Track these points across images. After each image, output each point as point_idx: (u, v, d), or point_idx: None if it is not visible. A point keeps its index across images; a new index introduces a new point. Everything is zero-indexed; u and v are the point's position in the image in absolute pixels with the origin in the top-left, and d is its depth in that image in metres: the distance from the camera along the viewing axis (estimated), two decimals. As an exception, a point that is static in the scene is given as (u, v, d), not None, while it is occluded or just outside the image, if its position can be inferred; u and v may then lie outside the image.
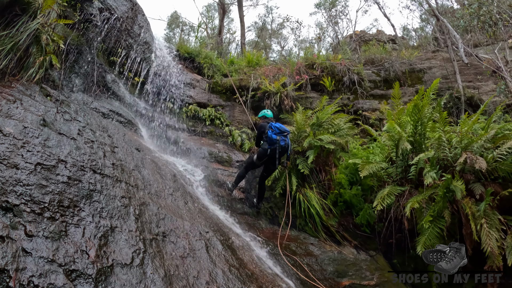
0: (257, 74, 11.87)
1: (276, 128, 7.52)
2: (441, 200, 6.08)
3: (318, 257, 6.82)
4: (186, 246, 4.97)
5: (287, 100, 10.58)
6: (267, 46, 30.98)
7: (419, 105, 7.18)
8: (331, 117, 8.61)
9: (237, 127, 10.52)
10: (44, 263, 3.23)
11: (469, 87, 12.30)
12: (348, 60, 13.47)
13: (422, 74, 13.59)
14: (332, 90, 12.09)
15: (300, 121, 8.42)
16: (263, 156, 7.55)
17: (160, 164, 7.24)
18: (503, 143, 6.41)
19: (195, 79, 11.46)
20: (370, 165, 7.04)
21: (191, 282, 4.34)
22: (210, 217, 6.31)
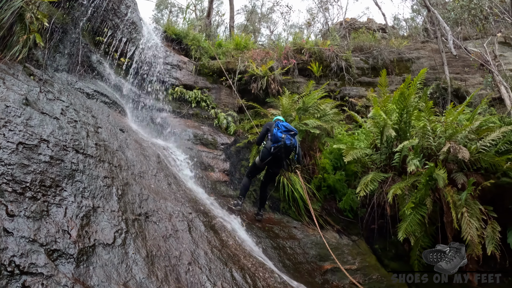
0: (244, 57, 11.78)
1: (283, 126, 7.04)
2: (423, 187, 6.14)
3: (301, 240, 6.88)
4: (168, 227, 4.97)
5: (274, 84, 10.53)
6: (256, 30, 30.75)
7: (405, 93, 7.21)
8: (317, 102, 8.60)
9: (223, 109, 10.46)
10: (26, 243, 3.21)
11: (456, 79, 12.38)
12: (336, 47, 13.44)
13: (410, 63, 13.63)
14: (320, 76, 12.07)
15: (286, 105, 8.39)
16: (267, 156, 7.00)
17: (145, 145, 7.19)
18: (487, 135, 6.48)
19: (182, 61, 11.34)
20: (355, 151, 7.07)
21: (173, 262, 4.35)
22: (194, 199, 6.31)
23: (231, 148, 8.81)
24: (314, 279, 6.06)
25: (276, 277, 5.21)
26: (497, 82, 10.10)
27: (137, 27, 10.30)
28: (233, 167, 8.35)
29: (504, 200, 6.38)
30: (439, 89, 11.52)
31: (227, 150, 8.79)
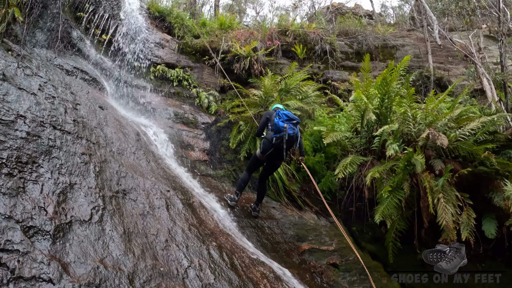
0: (228, 37, 11.66)
1: (284, 115, 6.56)
2: (401, 172, 6.22)
3: (279, 220, 6.93)
4: (146, 204, 4.96)
5: (256, 65, 10.48)
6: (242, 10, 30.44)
7: (388, 79, 7.25)
8: (299, 84, 8.59)
9: (205, 89, 10.37)
10: (1, 219, 3.19)
11: (439, 68, 12.47)
12: (322, 30, 13.38)
13: (395, 50, 13.66)
14: (303, 58, 12.03)
15: (268, 86, 8.35)
16: (268, 147, 6.54)
17: (124, 123, 7.12)
18: (466, 124, 6.57)
19: (164, 39, 11.17)
20: (335, 133, 7.10)
21: (151, 239, 4.35)
22: (172, 177, 6.29)
23: (212, 128, 8.76)
24: (291, 259, 6.13)
25: (253, 256, 5.27)
26: (480, 74, 10.21)
27: (120, 3, 10.09)
28: (213, 147, 8.31)
29: (481, 188, 6.50)
30: (422, 77, 11.61)
31: (208, 129, 8.74)
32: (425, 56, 12.70)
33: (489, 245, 6.59)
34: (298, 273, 5.64)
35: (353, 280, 6.20)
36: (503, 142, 6.78)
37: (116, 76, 9.37)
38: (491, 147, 6.40)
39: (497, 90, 9.53)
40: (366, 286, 6.18)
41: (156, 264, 4.00)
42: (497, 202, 6.06)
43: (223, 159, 8.08)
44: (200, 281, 4.10)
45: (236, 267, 4.69)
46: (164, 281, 3.85)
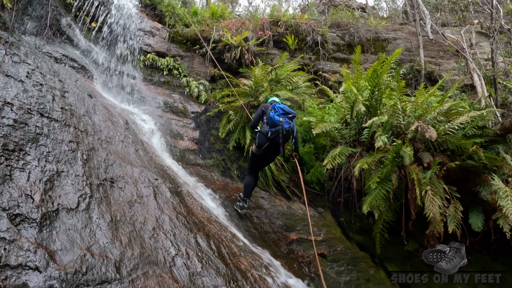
0: (219, 26, 11.58)
1: (280, 109, 6.40)
2: (390, 163, 6.23)
3: (268, 210, 6.95)
4: (134, 192, 4.94)
5: (247, 55, 10.43)
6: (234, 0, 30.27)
7: (378, 71, 7.23)
8: (290, 74, 8.57)
9: (195, 78, 10.30)
10: (-12, 208, 3.14)
11: (430, 63, 12.49)
12: (314, 21, 13.34)
13: (387, 43, 13.66)
14: (294, 49, 11.99)
15: (258, 76, 8.31)
16: (264, 142, 6.37)
17: (113, 111, 7.07)
18: (455, 118, 6.57)
19: (155, 28, 11.07)
20: (324, 124, 7.08)
21: (138, 227, 4.34)
22: (161, 166, 6.26)
23: (201, 117, 8.72)
24: (279, 248, 6.16)
25: (241, 245, 5.28)
26: (470, 69, 10.23)
27: (110, -10, 9.98)
28: (202, 136, 8.28)
29: (468, 182, 6.54)
30: (412, 71, 11.63)
31: (197, 118, 8.69)
32: (416, 50, 12.72)
33: (476, 238, 6.66)
34: (286, 263, 5.67)
35: (341, 270, 6.25)
36: (492, 137, 6.81)
37: (105, 64, 9.27)
38: (480, 142, 6.43)
39: (487, 86, 9.59)
40: (353, 276, 6.24)
41: (143, 252, 4.00)
42: (484, 196, 6.10)
43: (212, 148, 8.06)
44: (187, 270, 4.11)
45: (223, 256, 4.70)
46: (151, 269, 3.85)
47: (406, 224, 6.42)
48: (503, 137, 6.95)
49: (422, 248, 6.48)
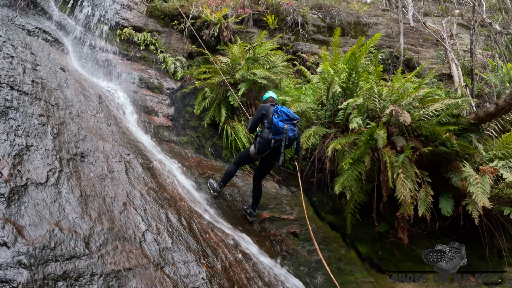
0: (199, 2, 11.36)
1: (284, 114, 5.91)
2: (363, 145, 6.29)
3: (241, 188, 6.96)
4: (105, 167, 4.88)
5: (226, 32, 10.29)
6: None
7: (357, 54, 7.24)
8: (268, 53, 8.50)
9: (172, 54, 10.13)
10: (-46, 182, 3.05)
11: (410, 50, 12.55)
12: (295, 1, 13.22)
13: (367, 28, 13.63)
14: (274, 29, 11.88)
15: (236, 54, 8.21)
16: (265, 149, 5.95)
17: (86, 86, 6.93)
18: (431, 105, 6.66)
19: (133, 1, 10.79)
20: (299, 104, 7.08)
21: (108, 202, 4.31)
22: (133, 141, 6.18)
23: (177, 94, 8.59)
24: (252, 226, 6.20)
25: (212, 222, 5.29)
26: (449, 59, 10.35)
27: (87, -40, 9.66)
28: (177, 113, 8.18)
29: (440, 168, 6.69)
30: (391, 57, 11.68)
31: (173, 95, 8.57)
32: (397, 37, 12.75)
33: (445, 222, 6.86)
34: (258, 241, 5.72)
35: (313, 249, 6.34)
36: (465, 125, 6.95)
37: (80, 38, 9.03)
38: (453, 129, 6.56)
39: (465, 76, 9.73)
40: (324, 255, 6.32)
41: (113, 227, 3.98)
42: (455, 182, 6.25)
43: (187, 125, 7.98)
44: (157, 245, 4.11)
45: (194, 232, 4.71)
46: (121, 244, 3.84)
47: (378, 206, 6.55)
48: (476, 126, 7.12)
49: (393, 230, 6.63)
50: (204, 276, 4.04)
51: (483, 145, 6.97)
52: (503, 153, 6.50)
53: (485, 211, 6.15)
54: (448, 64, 10.65)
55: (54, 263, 3.15)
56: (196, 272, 4.05)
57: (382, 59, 10.99)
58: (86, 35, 9.20)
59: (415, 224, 6.94)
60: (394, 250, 6.82)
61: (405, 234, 6.39)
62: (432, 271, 6.65)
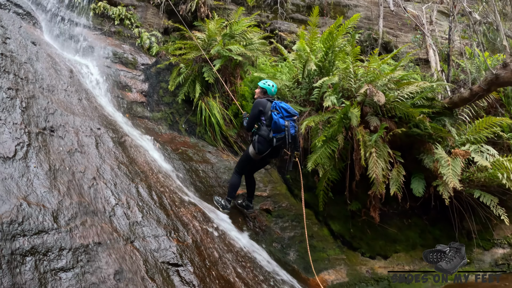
0: (176, -24, 11.17)
1: (283, 110, 5.55)
2: (337, 123, 6.34)
3: (214, 165, 6.94)
4: (75, 141, 4.81)
5: (204, 8, 10.12)
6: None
7: (334, 33, 7.22)
8: (245, 30, 8.41)
9: (148, 29, 9.92)
10: None
11: (389, 33, 12.57)
12: (275, -22, 13.10)
13: (347, 9, 13.57)
14: (253, 6, 11.72)
15: (212, 29, 8.08)
16: (266, 148, 5.63)
17: (58, 60, 6.78)
18: (406, 87, 6.72)
19: (108, -26, 10.55)
20: (275, 81, 7.04)
21: (77, 177, 4.26)
22: (105, 116, 6.08)
23: (152, 69, 8.46)
24: (224, 203, 6.21)
25: (184, 197, 5.29)
26: (427, 44, 10.41)
27: None
28: (151, 89, 8.05)
29: (413, 149, 6.81)
30: (370, 39, 11.70)
31: (147, 70, 8.42)
32: (376, 20, 12.74)
33: (417, 203, 7.01)
34: (231, 217, 5.75)
35: (285, 226, 6.41)
36: (440, 109, 7.09)
37: (53, 11, 8.76)
38: (427, 112, 6.68)
39: (441, 62, 9.83)
40: (297, 232, 6.42)
41: (82, 202, 3.95)
42: (427, 164, 6.38)
43: (161, 101, 7.87)
44: (127, 219, 4.09)
45: (165, 207, 4.70)
46: (90, 218, 3.82)
47: (350, 185, 6.65)
48: (450, 111, 7.25)
49: (365, 208, 6.74)
50: (175, 250, 4.05)
51: (456, 129, 7.11)
52: (475, 138, 6.65)
53: (456, 193, 6.31)
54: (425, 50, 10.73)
55: (22, 238, 3.13)
56: (166, 246, 4.05)
57: (360, 41, 11.02)
58: (60, 8, 8.96)
59: (387, 203, 7.07)
60: (366, 229, 6.95)
61: (377, 213, 6.51)
62: (404, 250, 6.87)
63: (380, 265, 6.67)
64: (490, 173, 6.13)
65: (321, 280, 6.06)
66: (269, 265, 5.30)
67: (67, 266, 3.19)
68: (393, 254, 6.86)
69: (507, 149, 7.63)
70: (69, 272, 3.16)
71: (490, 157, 6.31)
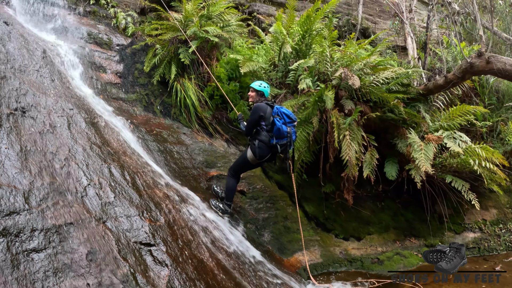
0: (154, -46, 10.93)
1: (285, 116, 5.52)
2: (311, 106, 6.40)
3: (189, 146, 6.91)
4: (46, 122, 4.77)
5: (182, -13, 10.02)
6: None
7: (311, 17, 7.22)
8: (223, 12, 8.33)
9: (124, 9, 9.70)
10: None
11: (368, 20, 12.61)
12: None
13: (327, -6, 13.57)
14: (231, -13, 11.69)
15: (189, 10, 7.93)
16: (266, 153, 5.57)
17: (30, 40, 6.63)
18: (382, 72, 6.79)
19: (83, -48, 10.28)
20: (252, 63, 6.99)
21: (49, 157, 4.24)
22: (78, 97, 6.00)
23: (127, 50, 8.29)
24: (199, 184, 6.23)
25: (157, 178, 5.29)
26: (405, 32, 10.49)
27: None
28: (126, 70, 7.90)
29: (387, 134, 6.92)
30: (348, 24, 11.71)
31: (123, 51, 8.27)
32: (355, 6, 12.72)
33: (390, 186, 7.16)
34: (205, 198, 5.77)
35: (260, 207, 6.46)
36: (415, 95, 7.23)
37: (27, -10, 8.56)
38: (402, 97, 6.78)
39: (419, 50, 9.95)
40: (272, 213, 6.49)
41: (54, 182, 3.94)
42: (400, 148, 6.52)
43: (136, 83, 7.75)
44: (99, 199, 4.10)
45: (138, 187, 4.71)
46: (62, 199, 3.82)
47: (324, 167, 6.73)
48: (425, 97, 7.43)
49: (339, 191, 6.85)
50: (147, 230, 4.09)
51: (430, 115, 7.27)
52: (449, 125, 6.84)
53: (428, 178, 6.49)
54: (404, 37, 10.83)
55: (-7, 219, 3.09)
56: (139, 226, 4.08)
57: (339, 26, 11.04)
58: (33, -13, 8.72)
59: (360, 186, 7.20)
60: (340, 211, 7.06)
61: (350, 195, 6.61)
62: (377, 232, 7.02)
63: (353, 246, 6.80)
64: (462, 159, 6.32)
65: (295, 261, 6.17)
66: (243, 246, 5.37)
67: (39, 247, 3.21)
68: (366, 236, 7.00)
69: (480, 137, 7.87)
70: (41, 253, 3.18)
71: (462, 143, 6.48)
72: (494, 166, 6.32)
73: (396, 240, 7.09)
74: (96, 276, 3.26)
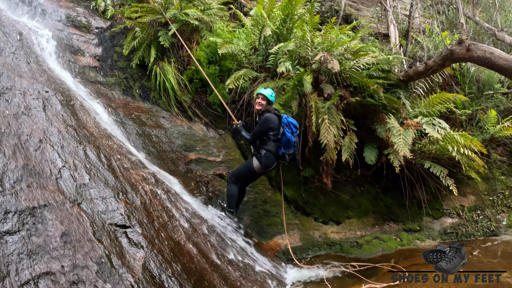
0: None
1: (292, 126, 5.74)
2: (291, 90, 6.42)
3: (168, 130, 6.88)
4: (21, 104, 4.71)
5: (162, -31, 9.84)
6: None
7: (293, 1, 7.19)
8: (204, -6, 8.26)
9: (103, -8, 9.59)
10: None
11: (351, 6, 12.54)
12: None
13: (310, -21, 13.47)
14: (214, -30, 11.52)
15: (170, -7, 7.91)
16: (273, 162, 5.72)
17: (6, 23, 6.51)
18: (362, 58, 6.83)
19: None
20: (230, 45, 6.96)
21: (23, 140, 4.20)
22: (55, 79, 5.90)
23: (106, 33, 8.13)
24: (177, 168, 6.24)
25: (135, 160, 5.28)
26: (388, 20, 10.49)
27: None
28: (105, 53, 7.77)
29: (367, 119, 7.00)
30: (331, 10, 11.66)
31: (101, 34, 8.11)
32: (339, -9, 12.72)
33: (369, 171, 7.25)
34: (183, 181, 5.79)
35: (238, 191, 6.48)
36: (395, 82, 7.30)
37: (3, -29, 8.33)
38: (382, 83, 6.83)
39: (401, 38, 9.99)
40: (251, 197, 6.54)
41: (28, 164, 3.91)
42: (379, 133, 6.61)
43: (115, 66, 7.64)
44: (74, 181, 4.08)
45: (114, 169, 4.69)
46: (36, 181, 3.79)
47: (303, 151, 6.77)
48: (405, 84, 7.51)
49: (318, 175, 6.91)
50: (123, 212, 4.08)
51: (410, 102, 7.35)
52: (428, 111, 6.92)
53: (407, 163, 6.60)
54: (386, 25, 10.84)
55: (-34, 202, 3.05)
56: (114, 208, 4.08)
57: (321, 12, 11.02)
58: (9, -31, 8.51)
59: (340, 171, 7.28)
60: (319, 195, 7.14)
61: (329, 179, 6.69)
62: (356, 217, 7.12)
63: (332, 230, 6.91)
64: (441, 145, 6.42)
65: (275, 244, 6.24)
66: (222, 229, 5.41)
67: (12, 229, 3.19)
68: (345, 220, 7.11)
69: (459, 125, 7.98)
70: (15, 235, 3.16)
71: (442, 130, 6.58)
72: (472, 153, 6.43)
73: (375, 224, 7.21)
74: (70, 258, 3.25)
